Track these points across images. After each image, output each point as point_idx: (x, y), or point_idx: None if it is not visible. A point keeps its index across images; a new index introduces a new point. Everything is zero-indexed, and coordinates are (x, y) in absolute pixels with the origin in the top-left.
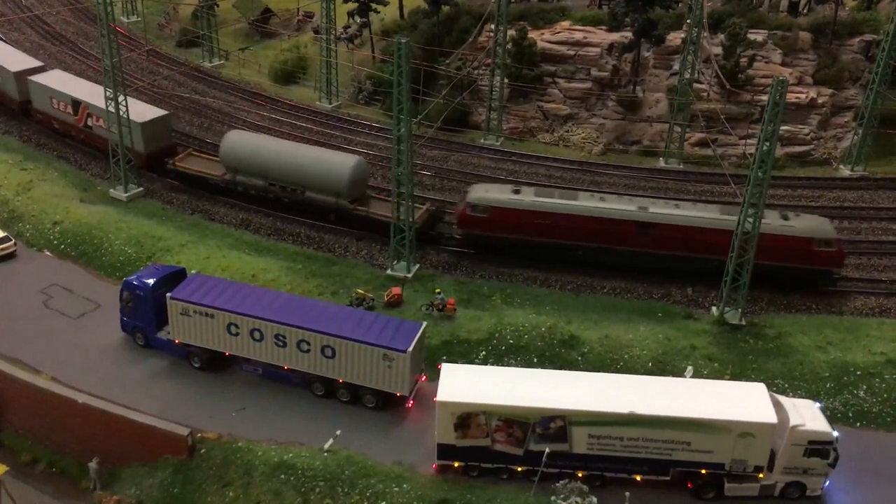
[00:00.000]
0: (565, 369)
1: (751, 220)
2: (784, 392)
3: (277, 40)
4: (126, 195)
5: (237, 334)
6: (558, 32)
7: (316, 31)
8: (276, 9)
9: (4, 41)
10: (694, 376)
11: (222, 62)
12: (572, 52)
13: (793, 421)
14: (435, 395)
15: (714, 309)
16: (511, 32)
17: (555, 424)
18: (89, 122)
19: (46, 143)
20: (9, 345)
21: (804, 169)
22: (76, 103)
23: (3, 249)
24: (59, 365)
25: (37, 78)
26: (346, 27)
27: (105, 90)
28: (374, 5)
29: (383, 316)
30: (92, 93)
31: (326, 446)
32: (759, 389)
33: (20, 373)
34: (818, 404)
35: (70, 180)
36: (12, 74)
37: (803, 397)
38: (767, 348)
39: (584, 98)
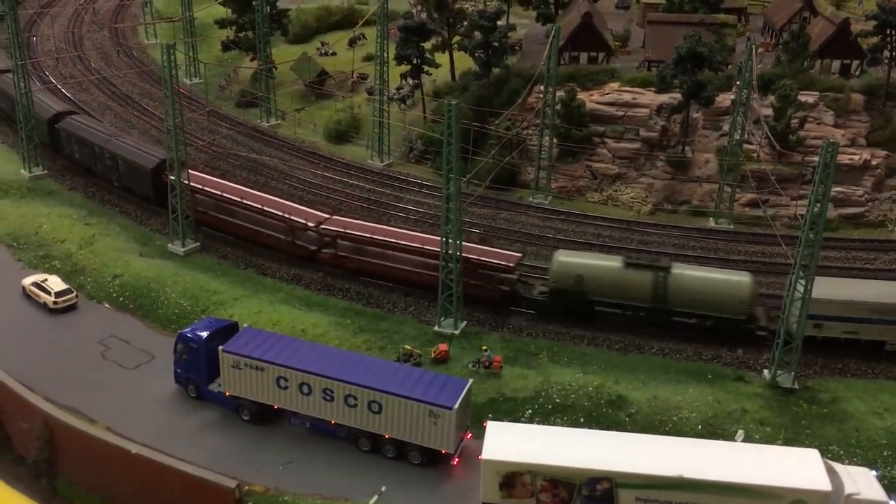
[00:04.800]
0: (612, 430)
1: (802, 283)
2: (839, 459)
3: (332, 101)
4: (183, 250)
5: (286, 388)
6: (607, 94)
7: (370, 92)
8: (331, 71)
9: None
10: (745, 440)
11: (279, 122)
12: (621, 113)
13: (848, 489)
14: (480, 453)
15: (766, 372)
16: (560, 93)
17: (601, 486)
18: None
19: (110, 199)
20: (67, 394)
21: (858, 230)
22: None
23: (65, 301)
24: (114, 415)
25: None
26: (399, 88)
27: None
28: (426, 67)
29: (430, 372)
30: None
31: (371, 502)
32: (812, 455)
33: (76, 421)
34: (874, 472)
35: (131, 234)
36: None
37: (859, 465)
38: (822, 413)
39: (633, 158)
